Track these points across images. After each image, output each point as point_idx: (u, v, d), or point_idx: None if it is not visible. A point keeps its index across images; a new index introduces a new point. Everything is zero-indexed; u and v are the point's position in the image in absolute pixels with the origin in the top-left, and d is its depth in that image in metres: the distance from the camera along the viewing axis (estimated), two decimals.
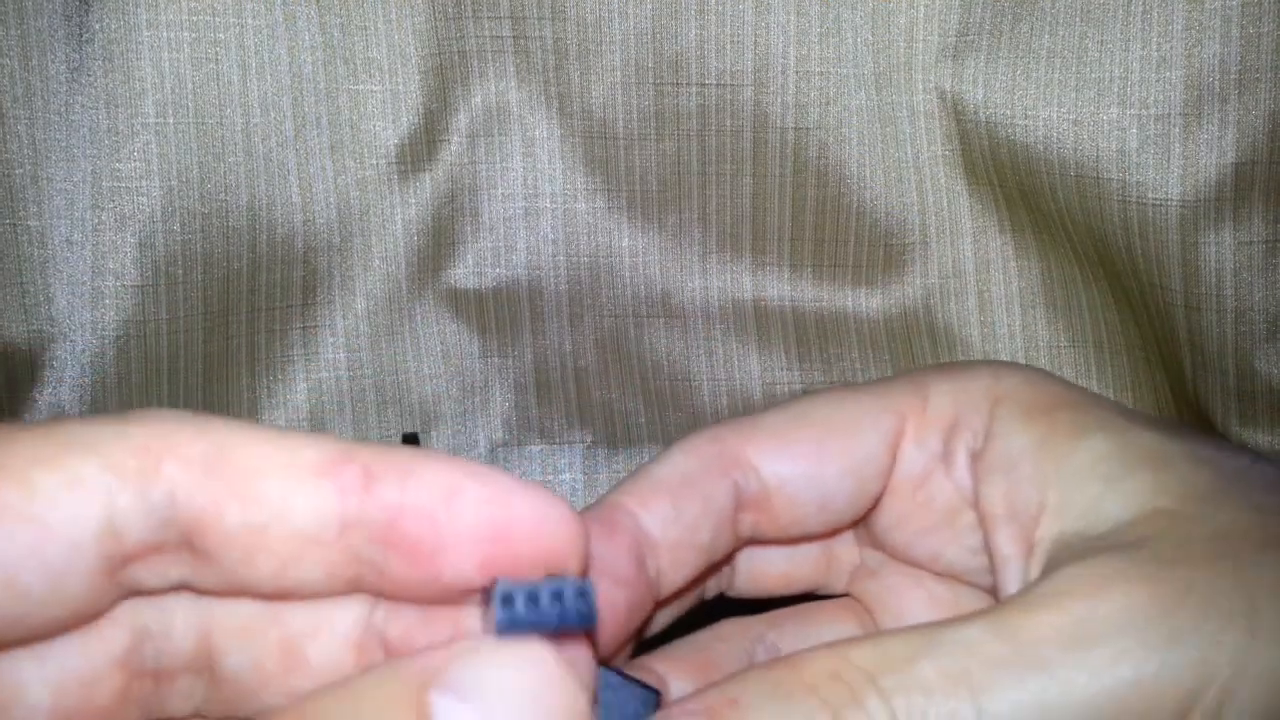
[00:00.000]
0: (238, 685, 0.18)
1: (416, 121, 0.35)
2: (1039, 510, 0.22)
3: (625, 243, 0.36)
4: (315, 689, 0.16)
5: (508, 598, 0.17)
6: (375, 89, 0.35)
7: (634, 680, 0.21)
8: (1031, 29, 0.32)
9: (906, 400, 0.25)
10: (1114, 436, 0.23)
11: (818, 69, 0.34)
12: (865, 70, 0.34)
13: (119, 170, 0.32)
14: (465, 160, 0.36)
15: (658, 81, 0.34)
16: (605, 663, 0.21)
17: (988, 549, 0.24)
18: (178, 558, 0.17)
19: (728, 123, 0.34)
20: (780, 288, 0.36)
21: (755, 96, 0.34)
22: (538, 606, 0.17)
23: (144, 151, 0.32)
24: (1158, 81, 0.31)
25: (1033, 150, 0.33)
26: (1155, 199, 0.31)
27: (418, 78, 0.35)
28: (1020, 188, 0.34)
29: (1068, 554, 0.21)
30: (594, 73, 0.34)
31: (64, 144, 0.33)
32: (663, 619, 0.25)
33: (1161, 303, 0.33)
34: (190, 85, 0.33)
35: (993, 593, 0.24)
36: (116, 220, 0.33)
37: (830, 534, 0.26)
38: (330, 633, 0.18)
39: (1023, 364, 0.29)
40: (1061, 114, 0.32)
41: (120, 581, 0.17)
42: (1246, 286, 0.32)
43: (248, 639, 0.18)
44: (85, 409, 0.33)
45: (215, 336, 0.35)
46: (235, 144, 0.33)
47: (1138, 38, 0.31)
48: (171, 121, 0.33)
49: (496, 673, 0.15)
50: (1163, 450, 0.22)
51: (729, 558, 0.26)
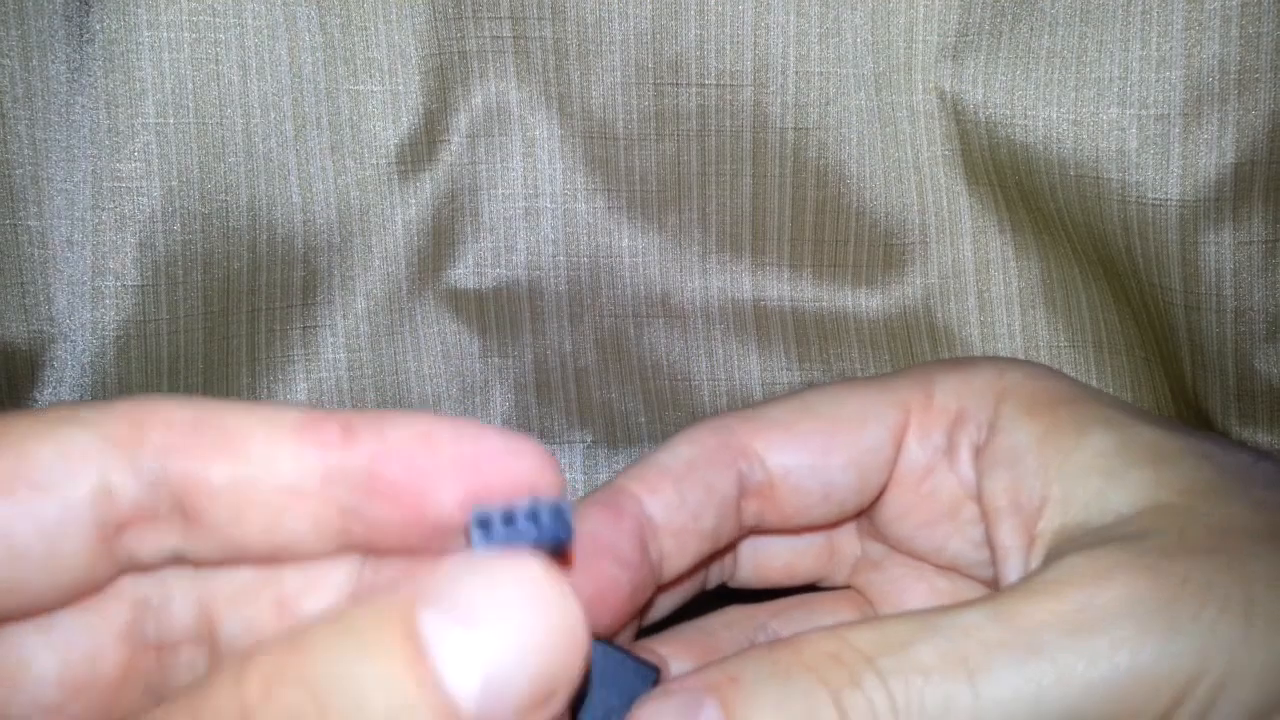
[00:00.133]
0: (236, 651, 0.19)
1: (416, 121, 0.35)
2: (1041, 503, 0.23)
3: (625, 243, 0.36)
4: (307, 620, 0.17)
5: (484, 521, 0.17)
6: (375, 89, 0.35)
7: (634, 656, 0.21)
8: (1031, 29, 0.32)
9: (911, 394, 0.25)
10: (1117, 432, 0.23)
11: (818, 69, 0.34)
12: (865, 70, 0.34)
13: (119, 170, 0.32)
14: (465, 160, 0.36)
15: (658, 81, 0.34)
16: (607, 640, 0.21)
17: (989, 541, 0.24)
18: (170, 525, 0.18)
19: (728, 123, 0.34)
20: (780, 288, 0.36)
21: (755, 97, 0.34)
22: (514, 526, 0.17)
23: (144, 151, 0.32)
24: (1157, 81, 0.31)
25: (1033, 150, 0.33)
26: (1155, 199, 0.31)
27: (418, 78, 0.35)
28: (1020, 188, 0.34)
29: (1069, 546, 0.21)
30: (594, 73, 0.34)
31: (64, 144, 0.33)
32: (665, 605, 0.26)
33: (1161, 303, 0.33)
34: (190, 85, 0.33)
35: (994, 586, 0.24)
36: (117, 220, 0.33)
37: (833, 525, 0.27)
38: (322, 590, 0.19)
39: (1027, 360, 0.29)
40: (1061, 114, 0.32)
41: (116, 552, 0.17)
42: (1246, 286, 0.32)
43: (243, 603, 0.19)
44: None
45: (215, 336, 0.35)
46: (235, 144, 0.33)
47: (1137, 38, 0.31)
48: (172, 121, 0.33)
49: (483, 585, 0.15)
50: (1165, 446, 0.23)
51: (732, 546, 0.26)
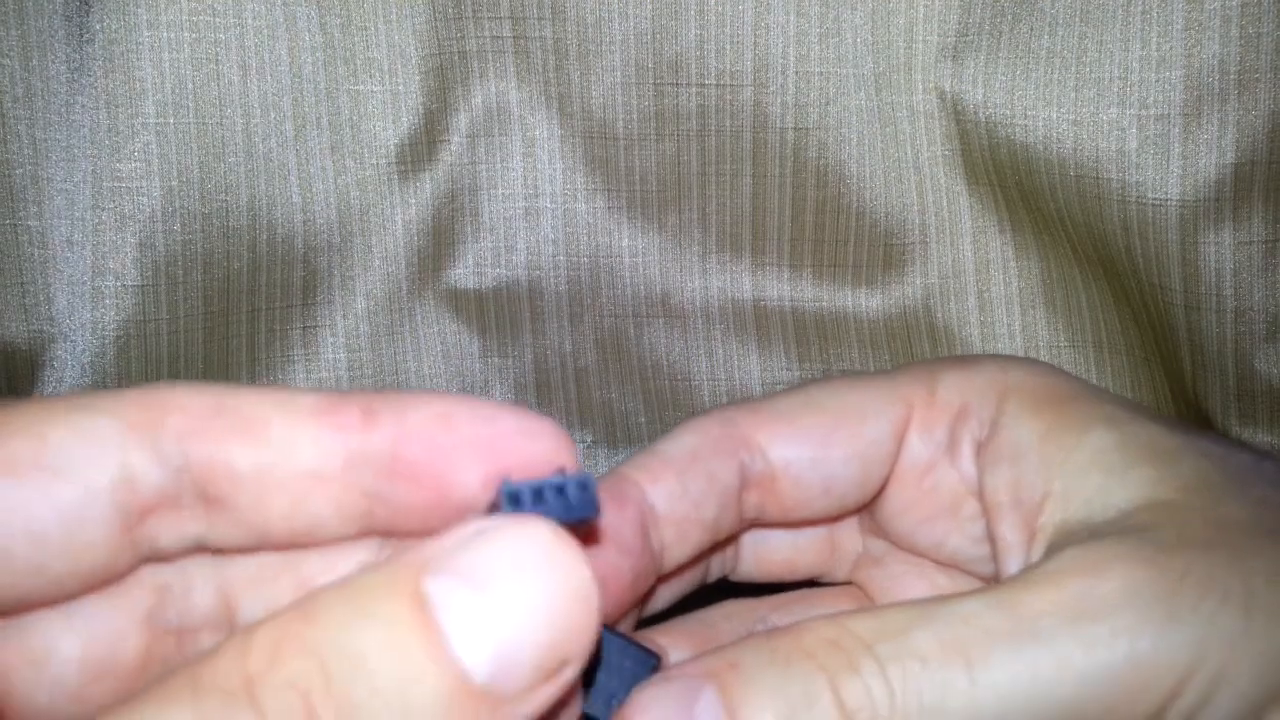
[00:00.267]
0: None
1: (416, 121, 0.35)
2: (1042, 499, 0.23)
3: (625, 243, 0.36)
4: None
5: (514, 496, 0.17)
6: (375, 89, 0.35)
7: (636, 643, 0.21)
8: (1031, 29, 0.32)
9: (914, 390, 0.25)
10: (1119, 429, 0.23)
11: (818, 69, 0.34)
12: (865, 70, 0.34)
13: (119, 170, 0.32)
14: (465, 160, 0.36)
15: (658, 81, 0.34)
16: (608, 626, 0.21)
17: (990, 536, 0.24)
18: (193, 511, 0.18)
19: (728, 123, 0.34)
20: (780, 288, 0.36)
21: (755, 97, 0.34)
22: (543, 501, 0.17)
23: (144, 151, 0.32)
24: (1157, 81, 0.31)
25: (1033, 150, 0.33)
26: (1155, 199, 0.31)
27: (418, 78, 0.35)
28: (1020, 188, 0.34)
29: (1070, 540, 0.21)
30: (594, 73, 0.34)
31: (64, 144, 0.33)
32: (666, 596, 0.26)
33: (1161, 303, 0.33)
34: (190, 85, 0.33)
35: (994, 582, 0.24)
36: (117, 220, 0.33)
37: (834, 518, 0.27)
38: (343, 572, 0.19)
39: (1030, 358, 0.29)
40: (1061, 114, 0.32)
41: (138, 540, 0.17)
42: (1246, 286, 0.32)
43: (263, 587, 0.19)
44: None
45: (215, 336, 0.35)
46: (235, 144, 0.33)
47: (1137, 38, 0.31)
48: (172, 121, 0.33)
49: (493, 549, 0.15)
50: (1167, 444, 0.23)
51: (733, 537, 0.26)
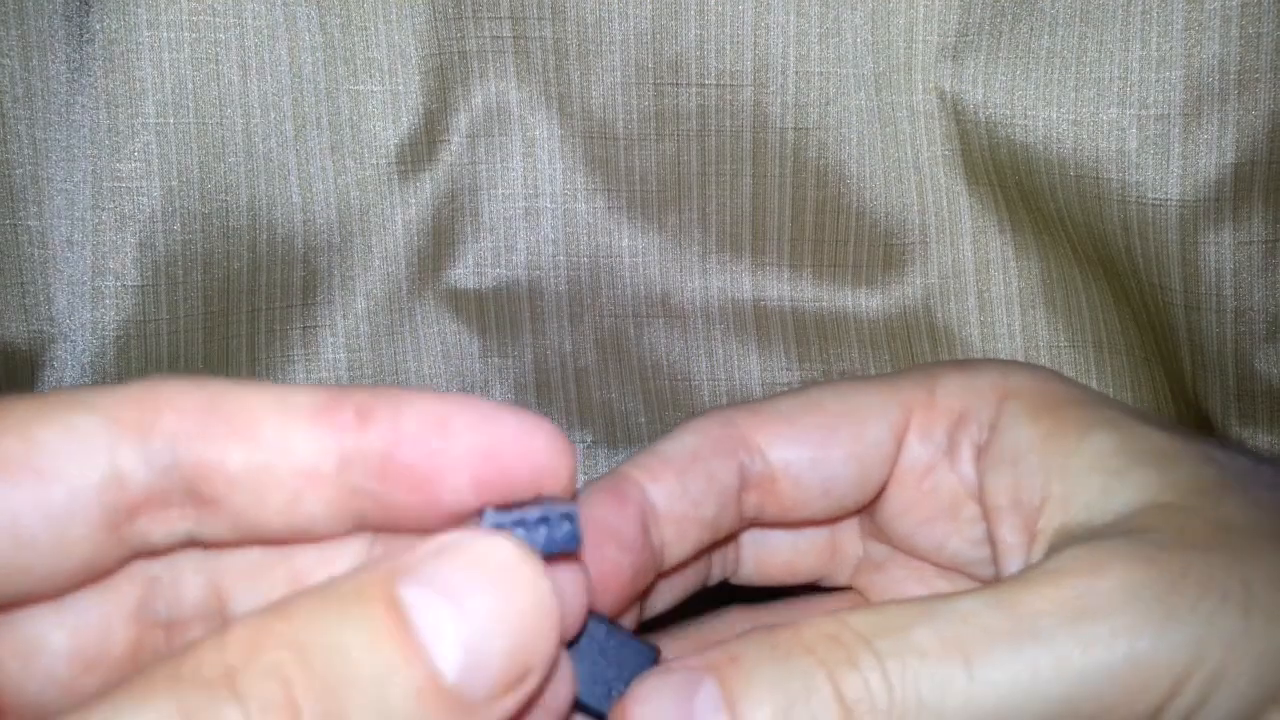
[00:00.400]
0: None
1: (416, 121, 0.35)
2: (1042, 501, 0.23)
3: (625, 243, 0.36)
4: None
5: (497, 529, 0.18)
6: (375, 89, 0.35)
7: (636, 636, 0.21)
8: (1031, 29, 0.32)
9: (914, 392, 0.25)
10: (1120, 433, 0.23)
11: (818, 69, 0.34)
12: (865, 70, 0.34)
13: (119, 170, 0.32)
14: (465, 160, 0.36)
15: (658, 81, 0.34)
16: (609, 620, 0.21)
17: (991, 539, 0.24)
18: (183, 510, 0.18)
19: (728, 123, 0.34)
20: (780, 288, 0.36)
21: (755, 97, 0.34)
22: (528, 534, 0.18)
23: (144, 151, 0.32)
24: (1157, 82, 0.31)
25: (1033, 150, 0.33)
26: (1155, 199, 0.31)
27: (418, 78, 0.35)
28: (1020, 188, 0.34)
29: (1070, 542, 0.21)
30: (594, 73, 0.34)
31: (64, 144, 0.33)
32: (668, 597, 0.26)
33: (1161, 303, 0.33)
34: (190, 85, 0.33)
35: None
36: (116, 220, 0.33)
37: (833, 519, 0.27)
38: (335, 566, 0.19)
39: (1031, 363, 0.29)
40: (1061, 114, 0.32)
41: (127, 537, 0.17)
42: (1246, 286, 0.32)
43: (255, 579, 0.19)
44: None
45: (215, 336, 0.35)
46: (235, 144, 0.33)
47: (1137, 38, 0.31)
48: (172, 121, 0.33)
49: (463, 563, 0.16)
50: (1167, 447, 0.23)
51: (732, 536, 0.26)
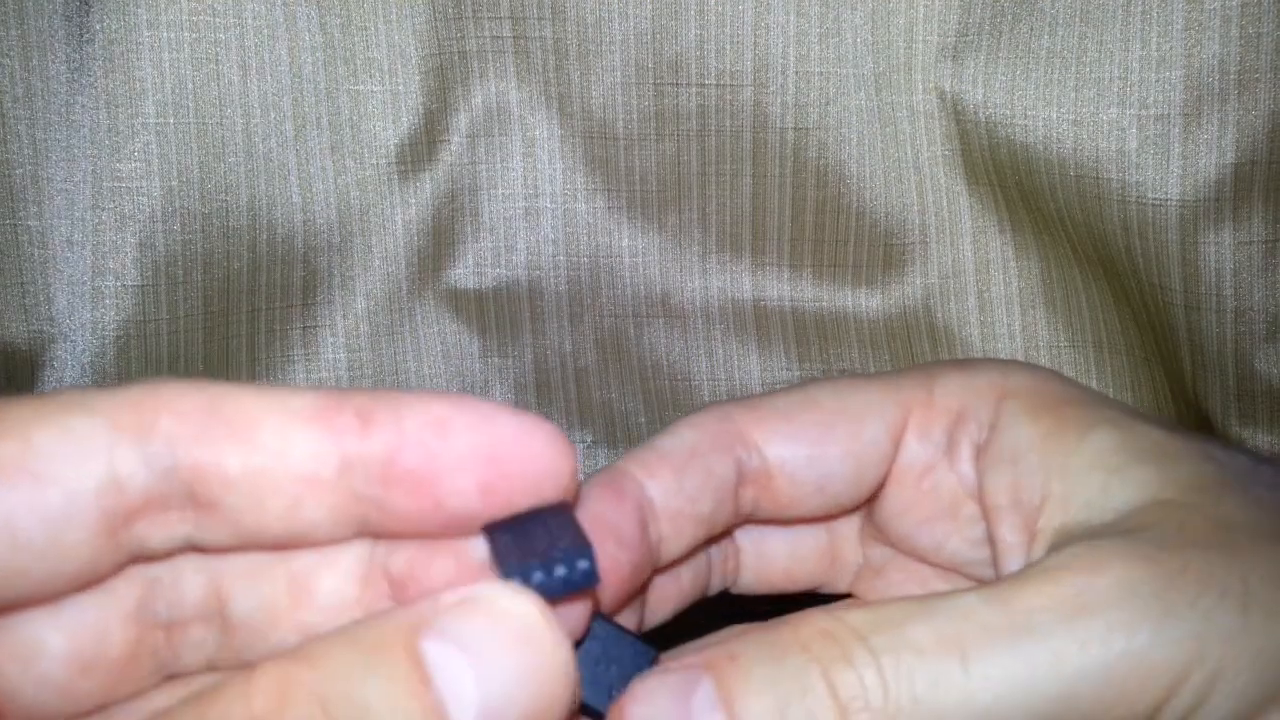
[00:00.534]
0: (248, 628, 0.19)
1: (416, 121, 0.35)
2: (1042, 500, 0.23)
3: (625, 243, 0.36)
4: (315, 633, 0.17)
5: (523, 574, 0.18)
6: (375, 89, 0.35)
7: (634, 636, 0.21)
8: (1031, 29, 0.32)
9: (913, 391, 0.26)
10: (1119, 431, 0.23)
11: (818, 69, 0.34)
12: (865, 70, 0.34)
13: (119, 170, 0.32)
14: (465, 160, 0.36)
15: (658, 81, 0.34)
16: (609, 619, 0.21)
17: (990, 539, 0.24)
18: (182, 514, 0.18)
19: (728, 123, 0.34)
20: (780, 288, 0.36)
21: (755, 97, 0.34)
22: (548, 578, 0.18)
23: (144, 151, 0.32)
24: (1157, 81, 0.31)
25: (1033, 150, 0.33)
26: (1155, 199, 0.31)
27: (418, 78, 0.35)
28: (1020, 188, 0.34)
29: (1070, 541, 0.21)
30: (594, 73, 0.34)
31: (64, 144, 0.33)
32: (668, 606, 0.26)
33: (1161, 303, 0.33)
34: (190, 85, 0.33)
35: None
36: (116, 220, 0.33)
37: (829, 517, 0.27)
38: (336, 568, 0.19)
39: (1031, 363, 0.29)
40: (1061, 114, 0.32)
41: (125, 542, 0.17)
42: (1246, 286, 0.32)
43: (255, 581, 0.19)
44: None
45: (215, 336, 0.35)
46: (235, 144, 0.33)
47: (1137, 38, 0.31)
48: (172, 121, 0.33)
49: (484, 620, 0.16)
50: (1167, 445, 0.23)
51: (728, 532, 0.26)
